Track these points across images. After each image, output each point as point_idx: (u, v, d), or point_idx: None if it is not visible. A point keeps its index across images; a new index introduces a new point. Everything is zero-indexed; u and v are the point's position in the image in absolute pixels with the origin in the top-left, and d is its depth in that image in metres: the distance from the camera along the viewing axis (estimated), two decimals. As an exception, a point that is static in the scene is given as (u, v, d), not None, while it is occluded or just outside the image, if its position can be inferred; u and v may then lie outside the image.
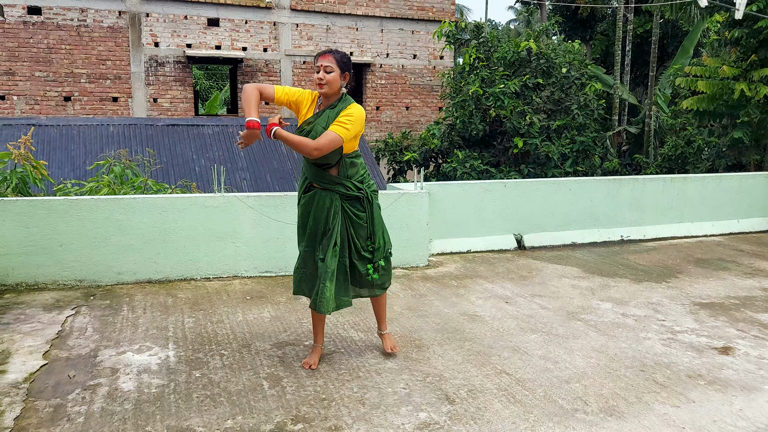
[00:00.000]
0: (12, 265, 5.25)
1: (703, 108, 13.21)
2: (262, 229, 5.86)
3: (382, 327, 4.05)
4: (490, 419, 3.17)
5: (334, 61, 3.57)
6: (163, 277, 5.63)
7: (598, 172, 13.32)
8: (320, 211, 3.68)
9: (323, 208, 3.68)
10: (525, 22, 40.85)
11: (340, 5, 18.04)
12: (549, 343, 4.25)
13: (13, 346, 4.02)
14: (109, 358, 3.87)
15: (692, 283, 5.89)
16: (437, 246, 6.87)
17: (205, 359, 3.88)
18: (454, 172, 12.36)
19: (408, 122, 19.37)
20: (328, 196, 3.67)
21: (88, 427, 3.02)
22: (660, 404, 3.37)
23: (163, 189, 6.81)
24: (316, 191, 3.70)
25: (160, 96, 16.55)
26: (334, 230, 3.66)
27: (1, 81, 15.24)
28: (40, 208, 5.28)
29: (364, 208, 3.74)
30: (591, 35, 24.32)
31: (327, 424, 3.10)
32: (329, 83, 3.57)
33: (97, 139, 12.14)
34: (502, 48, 13.21)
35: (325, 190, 3.68)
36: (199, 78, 33.74)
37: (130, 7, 16.06)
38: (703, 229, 8.31)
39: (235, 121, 13.74)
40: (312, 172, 3.70)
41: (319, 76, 3.56)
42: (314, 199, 3.70)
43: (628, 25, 17.74)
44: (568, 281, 5.90)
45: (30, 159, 6.26)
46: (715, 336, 4.47)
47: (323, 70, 3.56)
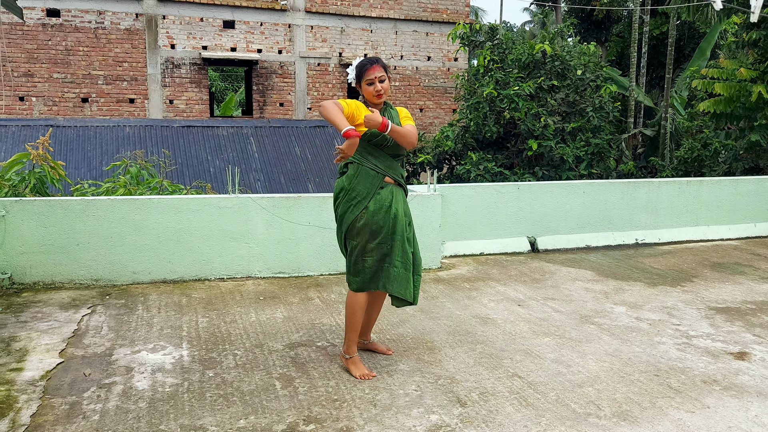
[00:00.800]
0: (30, 263, 5.33)
1: (720, 110, 13.08)
2: (275, 230, 5.89)
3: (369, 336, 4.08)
4: (502, 422, 3.17)
5: (383, 69, 3.63)
6: (178, 277, 5.68)
7: (613, 174, 13.24)
8: (399, 205, 3.64)
9: (401, 201, 3.66)
10: (540, 23, 40.71)
11: (355, 7, 18.09)
12: (562, 347, 4.23)
13: (31, 343, 4.07)
14: (124, 356, 3.91)
15: (708, 288, 5.84)
16: (450, 248, 6.87)
17: (219, 359, 3.90)
18: (468, 174, 12.33)
19: (422, 124, 19.36)
20: (399, 191, 3.70)
21: (103, 425, 3.05)
22: (674, 410, 3.35)
23: (178, 190, 6.88)
24: (390, 187, 3.65)
25: (176, 97, 16.69)
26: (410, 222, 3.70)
27: (20, 82, 15.45)
28: (58, 208, 5.35)
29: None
30: (606, 37, 24.16)
31: (338, 425, 3.11)
32: (386, 91, 3.64)
33: (114, 140, 12.27)
34: (517, 50, 13.17)
35: (397, 185, 3.70)
36: (215, 80, 33.98)
37: (147, 9, 16.22)
38: (720, 233, 8.23)
39: (249, 123, 13.82)
40: (387, 164, 3.64)
41: (378, 89, 3.59)
42: (392, 194, 3.63)
43: (645, 27, 17.61)
44: (582, 284, 5.87)
45: (48, 159, 6.34)
46: (731, 341, 4.42)
47: (378, 81, 3.60)
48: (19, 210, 5.27)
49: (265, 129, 13.56)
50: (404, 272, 3.63)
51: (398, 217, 3.63)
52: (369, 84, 3.60)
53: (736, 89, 12.55)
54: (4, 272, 5.27)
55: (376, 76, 3.59)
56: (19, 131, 11.88)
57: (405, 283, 3.64)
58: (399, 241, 3.63)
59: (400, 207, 3.67)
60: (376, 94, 3.60)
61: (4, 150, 11.31)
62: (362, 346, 4.06)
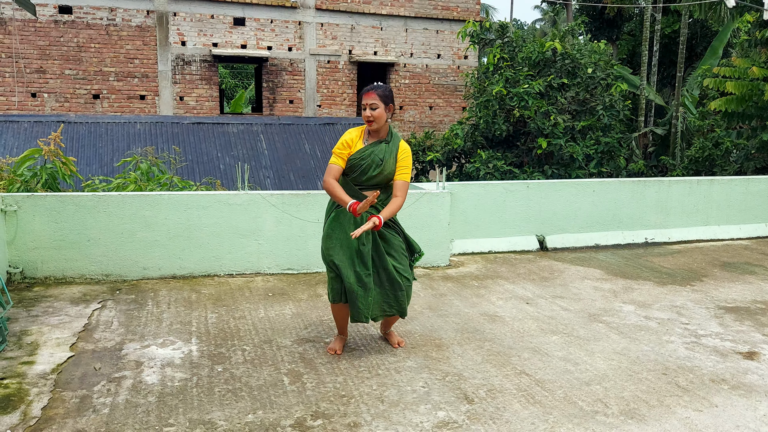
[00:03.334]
0: (42, 258, 5.38)
1: (731, 109, 12.98)
2: (284, 227, 5.91)
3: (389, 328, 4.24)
4: (509, 419, 3.17)
5: (377, 97, 3.76)
6: (188, 272, 5.72)
7: (623, 173, 13.17)
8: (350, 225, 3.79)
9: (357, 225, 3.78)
10: (551, 22, 40.53)
11: (365, 5, 18.08)
12: (570, 345, 4.23)
13: (42, 338, 4.12)
14: (133, 351, 3.94)
15: (717, 287, 5.81)
16: (458, 246, 6.87)
17: (228, 354, 3.93)
18: (477, 172, 12.32)
19: (431, 122, 19.34)
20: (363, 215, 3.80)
21: (113, 419, 3.09)
22: (682, 408, 3.34)
23: (188, 186, 6.92)
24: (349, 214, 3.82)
25: (187, 94, 16.77)
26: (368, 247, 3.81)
27: (32, 79, 15.57)
28: (69, 203, 5.40)
29: (394, 222, 3.95)
30: (617, 35, 24.01)
31: (346, 420, 3.13)
32: (376, 119, 3.77)
33: (125, 137, 12.34)
34: (527, 48, 13.13)
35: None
36: (225, 77, 34.09)
37: (158, 6, 16.29)
38: (730, 233, 8.18)
39: (259, 120, 13.86)
40: (351, 191, 3.82)
41: (366, 114, 3.75)
42: (351, 216, 3.80)
43: (656, 25, 17.50)
44: (591, 283, 5.85)
45: (59, 155, 6.40)
46: (740, 340, 4.40)
47: (369, 108, 3.75)
48: (31, 205, 5.32)
49: (275, 126, 13.59)
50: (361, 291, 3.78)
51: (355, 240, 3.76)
52: (363, 109, 3.78)
53: (748, 88, 12.46)
54: (16, 267, 5.33)
55: (368, 103, 3.76)
56: (31, 127, 11.97)
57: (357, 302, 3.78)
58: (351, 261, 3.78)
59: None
60: (366, 121, 3.79)
61: (16, 146, 11.40)
62: (383, 334, 4.27)
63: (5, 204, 5.24)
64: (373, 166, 3.77)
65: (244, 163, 11.54)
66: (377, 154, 3.79)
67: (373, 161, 3.77)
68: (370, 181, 3.80)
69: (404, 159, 3.84)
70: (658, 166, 15.65)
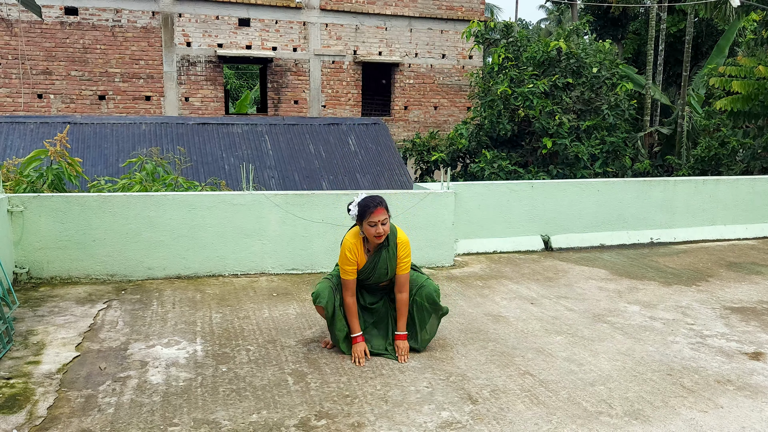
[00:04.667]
0: (47, 258, 5.40)
1: (737, 108, 12.93)
2: (288, 227, 5.92)
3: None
4: (513, 420, 3.17)
5: (386, 212, 3.81)
6: (192, 272, 5.73)
7: (628, 173, 13.14)
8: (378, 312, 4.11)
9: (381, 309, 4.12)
10: (556, 21, 40.44)
11: (369, 5, 18.09)
12: (574, 345, 4.22)
13: (48, 337, 4.14)
14: (138, 351, 3.96)
15: (723, 287, 5.79)
16: (463, 246, 6.86)
17: (232, 354, 3.94)
18: (482, 172, 12.31)
19: (436, 122, 19.34)
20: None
21: (118, 418, 3.10)
22: (687, 409, 3.33)
23: (193, 186, 6.94)
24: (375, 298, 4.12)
25: (192, 95, 16.82)
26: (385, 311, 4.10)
27: (38, 80, 15.65)
28: (75, 204, 5.42)
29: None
30: (623, 34, 23.95)
31: (350, 420, 3.13)
32: (386, 233, 3.83)
33: (130, 137, 12.39)
34: (532, 48, 13.11)
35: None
36: (230, 77, 34.16)
37: (163, 7, 16.34)
38: (736, 233, 8.14)
39: (264, 120, 13.88)
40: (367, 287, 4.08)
41: (378, 232, 3.79)
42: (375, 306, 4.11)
43: (661, 24, 17.45)
44: (595, 283, 5.84)
45: (65, 156, 6.43)
46: (745, 341, 4.38)
47: (380, 224, 3.77)
48: (37, 206, 5.34)
49: (280, 126, 13.61)
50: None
51: None
52: (371, 225, 3.77)
53: (754, 87, 12.40)
54: (22, 267, 5.35)
55: (379, 219, 3.77)
56: (38, 128, 12.03)
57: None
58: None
59: None
60: (376, 236, 3.79)
61: (22, 147, 11.46)
62: None
63: (12, 204, 5.27)
64: (382, 275, 3.92)
65: (248, 163, 11.56)
66: (382, 265, 3.90)
67: (381, 272, 3.91)
68: (378, 282, 3.99)
69: (404, 255, 3.92)
70: (663, 165, 15.60)
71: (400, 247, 3.91)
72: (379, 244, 3.87)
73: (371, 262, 3.90)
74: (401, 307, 3.95)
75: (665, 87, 22.61)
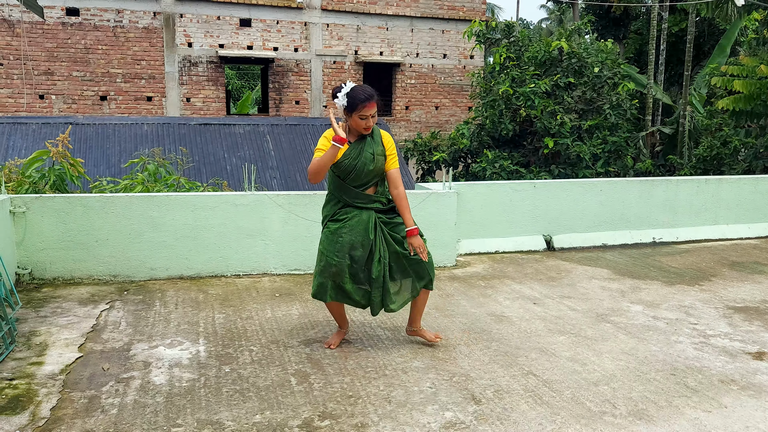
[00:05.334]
0: (50, 259, 5.40)
1: (739, 108, 12.91)
2: (291, 228, 5.92)
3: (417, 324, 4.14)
4: (517, 420, 3.17)
5: (376, 106, 3.75)
6: (195, 273, 5.73)
7: (630, 173, 13.12)
8: (361, 225, 3.83)
9: (363, 223, 3.83)
10: (557, 21, 40.41)
11: (371, 5, 18.09)
12: (577, 345, 4.21)
13: (51, 338, 4.14)
14: (141, 351, 3.96)
15: (726, 287, 5.78)
16: (465, 246, 6.86)
17: (235, 354, 3.94)
18: (484, 172, 12.30)
19: (437, 122, 19.33)
20: (366, 213, 3.85)
21: (121, 419, 3.10)
22: (691, 409, 3.32)
23: (195, 187, 6.93)
24: (355, 212, 3.85)
25: (193, 95, 16.82)
26: (375, 244, 3.83)
27: (40, 81, 15.66)
28: (77, 204, 5.42)
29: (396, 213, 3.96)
30: (624, 34, 23.92)
31: (353, 420, 3.13)
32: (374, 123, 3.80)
33: (132, 138, 12.39)
34: (533, 47, 13.10)
35: (364, 209, 3.85)
36: (231, 78, 34.17)
37: (165, 7, 16.35)
38: (739, 232, 8.13)
39: (266, 121, 13.88)
40: (351, 194, 3.84)
41: (369, 124, 3.75)
42: (354, 216, 3.84)
43: (663, 24, 17.42)
44: (598, 283, 5.83)
45: (67, 157, 6.43)
46: (749, 341, 4.37)
47: (371, 117, 3.74)
48: (39, 207, 5.35)
49: (281, 127, 13.61)
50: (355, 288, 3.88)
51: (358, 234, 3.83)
52: (362, 118, 3.73)
53: (756, 86, 12.38)
54: (25, 268, 5.35)
55: (371, 113, 3.72)
56: (40, 129, 12.04)
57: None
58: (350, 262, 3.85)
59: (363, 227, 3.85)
60: (366, 128, 3.77)
61: (24, 147, 11.46)
62: (411, 333, 4.18)
63: (14, 205, 5.27)
64: (368, 162, 3.78)
65: (250, 163, 11.57)
66: (367, 150, 3.79)
67: (366, 158, 3.78)
68: (367, 177, 3.82)
69: (390, 147, 3.87)
70: (665, 165, 15.58)
71: (385, 141, 3.85)
72: (360, 134, 3.82)
73: (354, 148, 3.77)
74: (401, 202, 3.82)
75: (667, 86, 22.58)
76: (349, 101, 3.70)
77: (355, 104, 3.69)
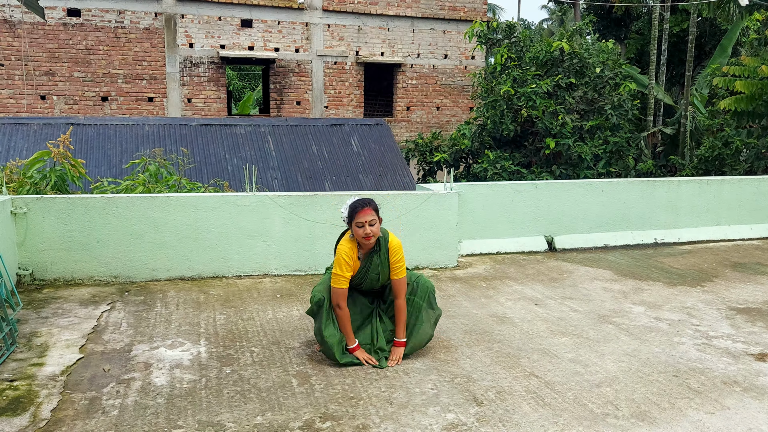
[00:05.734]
0: (51, 260, 5.40)
1: (741, 108, 12.90)
2: (292, 228, 5.91)
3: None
4: (519, 422, 3.15)
5: (374, 213, 3.77)
6: (196, 274, 5.73)
7: (631, 173, 13.11)
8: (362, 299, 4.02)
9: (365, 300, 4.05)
10: (558, 21, 40.40)
11: (372, 6, 18.08)
12: (579, 347, 4.20)
13: (51, 339, 4.13)
14: (142, 352, 3.95)
15: (729, 288, 5.76)
16: (466, 247, 6.85)
17: (236, 356, 3.93)
18: (485, 172, 12.29)
19: (438, 122, 19.32)
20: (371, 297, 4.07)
21: (122, 420, 3.09)
22: (694, 411, 3.31)
23: (196, 188, 6.93)
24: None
25: (194, 96, 16.82)
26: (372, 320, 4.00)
27: (41, 81, 15.67)
28: (79, 205, 5.42)
29: None
30: (625, 34, 23.92)
31: (355, 422, 3.12)
32: (375, 234, 3.79)
33: (133, 139, 12.38)
34: (534, 48, 13.10)
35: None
36: (233, 78, 34.18)
37: (166, 8, 16.35)
38: (741, 233, 8.11)
39: (267, 121, 13.87)
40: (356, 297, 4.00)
41: (366, 232, 3.73)
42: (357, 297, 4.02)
43: (664, 24, 17.41)
44: (600, 284, 5.82)
45: (68, 157, 6.43)
46: (752, 342, 4.36)
47: (368, 224, 3.73)
48: (41, 207, 5.34)
49: (283, 127, 13.61)
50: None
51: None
52: (359, 227, 3.73)
53: (758, 87, 12.37)
54: (26, 269, 5.35)
55: (366, 220, 3.73)
56: (41, 129, 12.04)
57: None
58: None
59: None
60: (365, 237, 3.74)
61: (26, 148, 11.46)
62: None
63: (15, 206, 5.27)
64: (374, 281, 3.90)
65: (251, 164, 11.56)
66: (373, 270, 3.86)
67: (372, 278, 3.88)
68: (375, 288, 3.97)
69: (396, 260, 3.86)
70: (667, 165, 15.57)
71: (392, 252, 3.86)
72: (370, 250, 3.82)
73: (363, 267, 3.85)
74: (399, 314, 3.87)
75: (668, 87, 22.56)
76: (349, 212, 3.76)
77: (352, 214, 3.74)
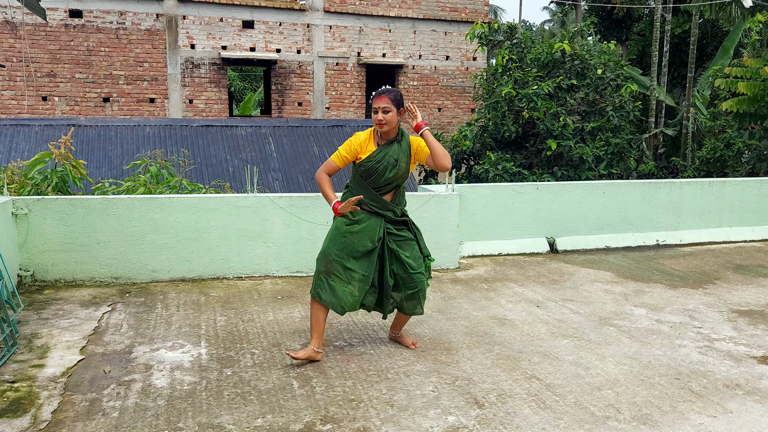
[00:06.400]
0: (52, 261, 5.40)
1: (743, 110, 12.88)
2: (292, 230, 5.91)
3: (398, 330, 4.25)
4: (520, 424, 3.14)
5: (389, 101, 3.77)
6: (196, 275, 5.72)
7: (633, 174, 13.09)
8: (368, 231, 3.84)
9: (372, 228, 3.85)
10: (560, 22, 40.40)
11: (373, 7, 18.08)
12: (580, 349, 4.19)
13: (52, 340, 4.13)
14: (143, 354, 3.94)
15: (730, 290, 5.75)
16: (467, 248, 6.84)
17: (236, 357, 3.92)
18: (486, 174, 12.27)
19: (440, 124, 19.31)
20: (376, 220, 3.86)
21: (123, 422, 3.08)
22: (695, 414, 3.30)
23: (197, 189, 6.93)
24: (365, 215, 3.86)
25: (196, 97, 16.82)
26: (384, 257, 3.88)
27: (42, 82, 15.68)
28: (79, 206, 5.42)
29: (411, 231, 3.99)
30: (627, 36, 23.90)
31: (355, 425, 3.11)
32: (389, 122, 3.78)
33: (134, 140, 12.39)
34: (536, 49, 13.08)
35: (374, 214, 3.87)
36: (234, 79, 34.20)
37: (167, 9, 16.36)
38: (743, 235, 8.10)
39: (268, 122, 13.88)
40: (369, 195, 3.86)
41: (378, 118, 3.76)
42: (364, 221, 3.85)
43: (666, 25, 17.40)
44: (601, 286, 5.81)
45: (70, 159, 6.42)
46: (754, 345, 4.34)
47: (381, 111, 3.75)
48: (42, 208, 5.34)
49: (284, 129, 13.61)
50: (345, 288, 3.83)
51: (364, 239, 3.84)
52: (374, 112, 3.78)
53: (760, 88, 12.35)
54: (27, 270, 5.35)
55: (380, 106, 3.76)
56: (42, 131, 12.05)
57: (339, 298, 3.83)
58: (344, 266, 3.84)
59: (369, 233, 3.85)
60: (377, 124, 3.79)
61: (27, 149, 11.47)
62: (392, 337, 4.26)
63: (16, 207, 5.27)
64: (389, 168, 3.81)
65: (252, 165, 11.56)
66: (391, 155, 3.82)
67: (389, 162, 3.81)
68: (388, 182, 3.84)
69: (419, 146, 3.86)
70: (668, 167, 15.55)
71: (414, 144, 3.87)
72: (391, 140, 3.84)
73: (380, 150, 3.81)
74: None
75: (670, 88, 22.54)
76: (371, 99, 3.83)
77: (371, 99, 3.81)
